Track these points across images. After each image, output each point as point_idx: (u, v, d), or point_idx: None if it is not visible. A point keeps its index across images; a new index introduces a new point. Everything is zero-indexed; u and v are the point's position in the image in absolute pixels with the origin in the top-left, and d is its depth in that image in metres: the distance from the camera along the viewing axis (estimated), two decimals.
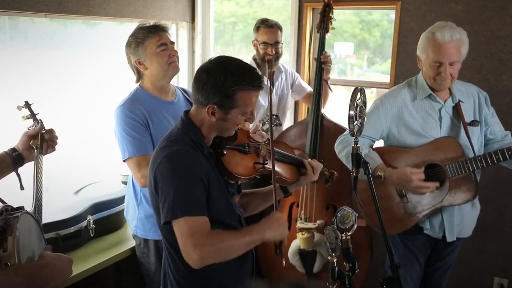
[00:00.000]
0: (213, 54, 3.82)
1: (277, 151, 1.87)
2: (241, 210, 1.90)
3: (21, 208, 1.37)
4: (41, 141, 1.77)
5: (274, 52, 2.94)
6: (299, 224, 2.72)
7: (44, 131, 1.82)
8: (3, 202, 1.43)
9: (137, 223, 2.37)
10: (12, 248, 1.22)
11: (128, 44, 2.26)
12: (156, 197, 1.64)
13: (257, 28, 2.97)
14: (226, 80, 1.59)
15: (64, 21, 2.97)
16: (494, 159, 2.12)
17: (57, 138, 1.86)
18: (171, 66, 2.25)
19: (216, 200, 1.65)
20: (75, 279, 2.22)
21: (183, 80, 3.67)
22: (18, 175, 1.76)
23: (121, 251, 2.51)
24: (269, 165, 1.79)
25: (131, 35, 2.26)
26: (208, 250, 1.52)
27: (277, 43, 2.95)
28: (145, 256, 2.39)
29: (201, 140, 1.68)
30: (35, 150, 1.76)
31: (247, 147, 1.78)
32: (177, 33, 3.62)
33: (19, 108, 1.90)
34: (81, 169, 3.00)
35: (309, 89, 3.18)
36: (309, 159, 1.94)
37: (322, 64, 2.91)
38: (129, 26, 3.00)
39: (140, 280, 2.50)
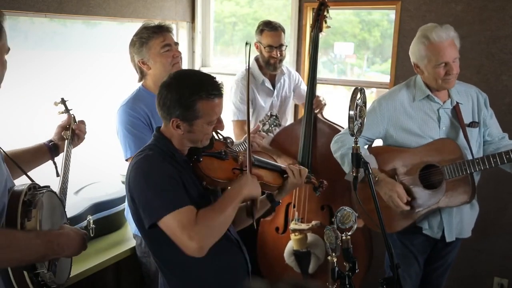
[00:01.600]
0: (213, 54, 3.82)
1: (256, 158, 1.88)
2: None
3: (47, 187, 1.55)
4: (72, 132, 1.97)
5: (279, 55, 2.94)
6: (292, 225, 2.73)
7: (75, 123, 2.01)
8: (32, 181, 1.57)
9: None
10: (35, 219, 1.40)
11: (132, 44, 2.26)
12: (135, 209, 1.65)
13: (261, 31, 2.94)
14: (183, 92, 1.62)
15: (64, 21, 2.97)
16: (492, 162, 2.11)
17: (85, 131, 2.05)
18: (175, 67, 2.26)
19: (195, 202, 1.64)
20: (75, 279, 2.22)
21: None
22: (55, 163, 1.93)
23: (121, 251, 2.51)
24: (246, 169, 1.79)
25: (136, 35, 2.26)
26: (204, 235, 1.55)
27: (281, 45, 2.94)
28: (145, 255, 2.38)
29: (173, 149, 1.70)
30: (66, 140, 1.95)
31: (223, 154, 1.79)
32: (177, 33, 3.62)
33: (55, 104, 2.08)
34: (81, 169, 3.00)
35: None
36: (290, 164, 1.92)
37: (314, 109, 2.88)
38: (129, 26, 3.01)
39: (140, 280, 2.50)
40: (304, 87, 3.19)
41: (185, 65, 3.61)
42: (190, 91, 1.62)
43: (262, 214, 1.97)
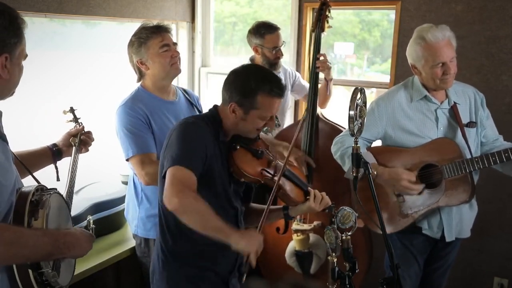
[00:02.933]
0: (213, 54, 3.82)
1: (289, 170, 1.92)
2: (242, 207, 1.93)
3: (54, 189, 1.58)
4: (80, 140, 2.02)
5: (282, 53, 2.98)
6: (294, 226, 2.73)
7: (83, 132, 2.05)
8: (39, 183, 1.60)
9: (138, 223, 2.37)
10: (42, 218, 1.42)
11: (131, 44, 2.26)
12: (164, 164, 1.74)
13: (262, 34, 2.94)
14: (248, 81, 1.75)
15: (64, 21, 2.97)
16: (491, 161, 2.12)
17: (93, 140, 2.09)
18: (173, 67, 2.26)
19: (214, 180, 1.74)
20: (75, 279, 2.21)
21: (183, 80, 3.67)
22: (56, 167, 1.96)
23: (121, 251, 2.51)
24: (276, 179, 1.83)
25: (134, 35, 2.26)
26: (188, 201, 1.60)
27: (282, 44, 2.99)
28: (145, 255, 2.39)
29: (219, 128, 1.81)
30: (74, 147, 1.99)
31: (260, 152, 1.85)
32: (177, 33, 3.62)
33: (64, 112, 2.14)
34: (81, 169, 3.00)
35: None
36: (316, 190, 1.92)
37: (317, 69, 2.88)
38: (129, 26, 3.01)
39: (140, 280, 2.51)
40: (301, 80, 3.22)
41: (185, 65, 3.61)
42: (256, 82, 1.74)
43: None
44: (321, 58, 2.84)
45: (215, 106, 1.88)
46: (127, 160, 2.23)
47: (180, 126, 1.77)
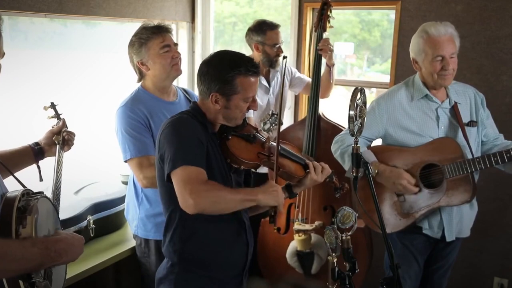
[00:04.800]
0: None
1: (282, 147, 1.91)
2: None
3: (40, 193, 1.50)
4: (63, 138, 1.95)
5: (282, 51, 3.00)
6: (296, 226, 2.72)
7: (65, 130, 1.99)
8: (24, 187, 1.53)
9: (138, 223, 2.36)
10: (30, 225, 1.35)
11: (131, 44, 2.25)
12: (160, 167, 1.74)
13: (264, 31, 2.97)
14: (223, 67, 1.73)
15: (64, 21, 2.97)
16: (493, 161, 2.12)
17: (74, 136, 2.03)
18: (174, 68, 2.25)
19: (213, 172, 1.74)
20: (75, 279, 2.22)
21: (183, 80, 3.67)
22: (38, 167, 1.90)
23: (121, 251, 2.51)
24: (274, 158, 1.85)
25: (135, 35, 2.25)
26: (203, 196, 1.61)
27: (281, 42, 3.02)
28: (145, 256, 2.38)
29: (206, 121, 1.80)
30: (57, 146, 1.92)
31: (252, 137, 1.86)
32: (177, 33, 3.62)
33: (45, 108, 2.07)
34: (81, 169, 3.00)
35: (308, 79, 3.16)
36: (314, 161, 1.95)
37: (319, 51, 2.89)
38: (129, 26, 3.01)
39: (140, 280, 2.50)
40: (299, 74, 3.23)
41: (185, 65, 3.61)
42: (231, 66, 1.73)
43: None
44: (325, 42, 2.87)
45: (194, 103, 1.86)
46: (125, 161, 2.22)
47: (169, 125, 1.74)
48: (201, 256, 1.82)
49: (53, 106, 2.09)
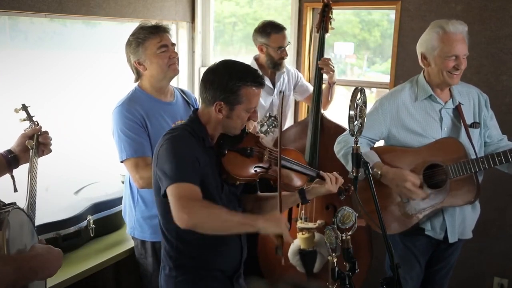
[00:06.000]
0: (213, 54, 3.82)
1: (287, 159, 1.88)
2: (239, 207, 1.93)
3: (12, 204, 1.39)
4: (37, 142, 1.81)
5: (286, 54, 2.98)
6: (299, 224, 2.72)
7: (39, 133, 1.84)
8: None
9: (134, 225, 2.36)
10: (1, 241, 1.26)
11: (129, 44, 2.24)
12: (158, 180, 1.73)
13: (269, 33, 2.94)
14: (231, 78, 1.73)
15: (64, 21, 2.97)
16: (497, 161, 2.11)
17: (51, 139, 1.89)
18: (171, 68, 2.23)
19: (208, 188, 1.73)
20: (75, 279, 2.22)
21: (183, 80, 3.67)
22: (13, 177, 1.77)
23: (121, 251, 2.51)
24: (272, 171, 1.83)
25: (132, 35, 2.24)
26: (196, 211, 1.59)
27: (286, 44, 2.99)
28: (142, 257, 2.38)
29: (205, 134, 1.79)
30: (31, 150, 1.78)
31: (249, 151, 1.83)
32: (177, 33, 3.62)
33: (16, 110, 1.94)
34: (81, 169, 3.00)
35: (311, 90, 3.15)
36: (328, 173, 1.92)
37: (320, 70, 2.89)
38: (129, 26, 3.00)
39: (140, 280, 2.50)
40: (304, 81, 3.22)
41: (185, 65, 3.61)
42: (238, 76, 1.74)
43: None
44: (325, 61, 2.86)
45: (195, 112, 1.85)
46: (121, 162, 2.22)
47: (167, 141, 1.73)
48: (196, 260, 1.83)
49: (24, 108, 1.95)
